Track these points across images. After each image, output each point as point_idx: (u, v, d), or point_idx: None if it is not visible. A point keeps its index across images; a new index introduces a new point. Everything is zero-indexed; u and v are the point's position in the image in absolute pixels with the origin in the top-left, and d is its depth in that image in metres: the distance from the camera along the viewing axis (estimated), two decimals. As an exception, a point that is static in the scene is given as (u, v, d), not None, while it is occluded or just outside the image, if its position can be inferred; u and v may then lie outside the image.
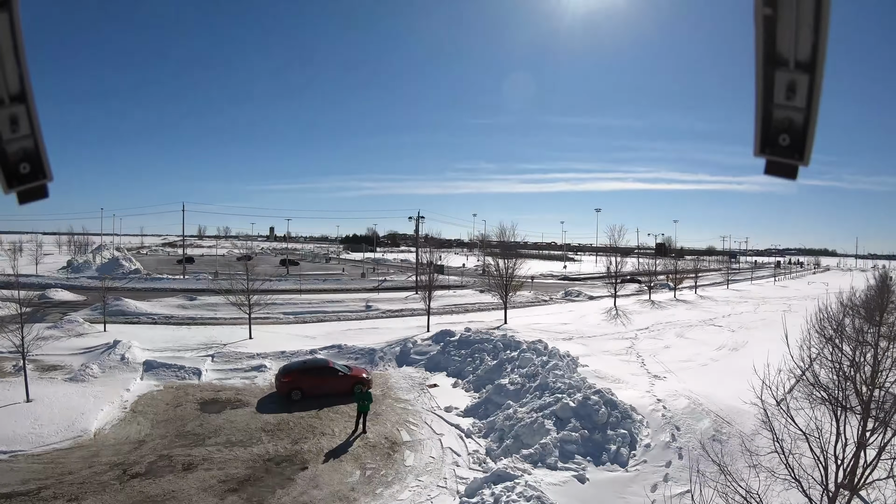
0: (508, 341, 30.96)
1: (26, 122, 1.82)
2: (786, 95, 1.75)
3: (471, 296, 62.67)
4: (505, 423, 21.76)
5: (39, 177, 1.88)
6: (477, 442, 21.39)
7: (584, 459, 18.94)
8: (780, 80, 1.74)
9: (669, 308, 57.22)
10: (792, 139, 1.78)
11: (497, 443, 21.03)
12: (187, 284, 63.09)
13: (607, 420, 20.68)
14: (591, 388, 22.87)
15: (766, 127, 1.80)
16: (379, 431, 21.90)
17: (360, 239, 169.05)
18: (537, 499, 15.69)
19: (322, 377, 25.24)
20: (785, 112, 1.77)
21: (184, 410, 22.83)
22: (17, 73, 1.75)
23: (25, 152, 1.85)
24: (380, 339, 35.59)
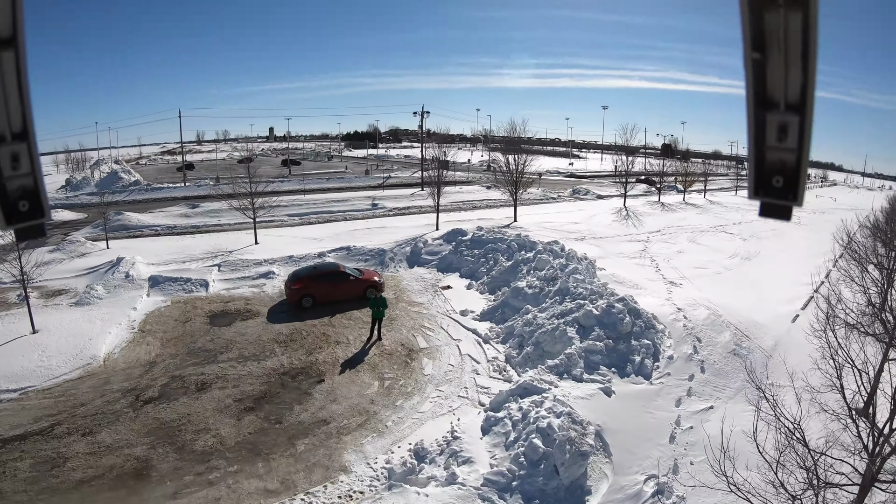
0: (523, 241, 29.74)
1: (27, 161, 1.80)
2: (777, 137, 1.72)
3: (477, 192, 61.23)
4: (524, 328, 20.91)
5: (38, 215, 1.85)
6: (495, 348, 20.66)
7: (608, 371, 18.13)
8: (771, 123, 1.71)
9: (680, 211, 55.54)
10: (785, 180, 1.76)
11: (517, 349, 20.27)
12: (189, 192, 61.58)
13: (631, 329, 19.80)
14: (614, 294, 21.88)
15: (760, 170, 1.79)
16: (394, 338, 21.11)
17: (362, 136, 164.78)
18: (567, 415, 14.88)
19: (333, 282, 24.29)
20: (777, 154, 1.74)
21: (193, 326, 22.02)
22: (20, 111, 1.74)
23: (25, 190, 1.83)
24: (388, 238, 34.50)
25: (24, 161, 1.80)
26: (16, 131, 1.76)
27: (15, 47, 1.68)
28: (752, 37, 1.63)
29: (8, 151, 1.77)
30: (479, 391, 17.67)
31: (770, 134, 1.73)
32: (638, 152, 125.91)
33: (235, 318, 22.69)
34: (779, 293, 26.94)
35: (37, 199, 1.84)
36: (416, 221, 42.05)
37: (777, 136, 1.73)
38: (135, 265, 27.97)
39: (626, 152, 64.54)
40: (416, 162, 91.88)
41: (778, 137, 1.73)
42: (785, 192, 1.78)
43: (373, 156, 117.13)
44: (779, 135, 1.72)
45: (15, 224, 1.83)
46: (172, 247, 34.50)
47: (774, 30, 1.60)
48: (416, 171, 73.38)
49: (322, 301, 23.78)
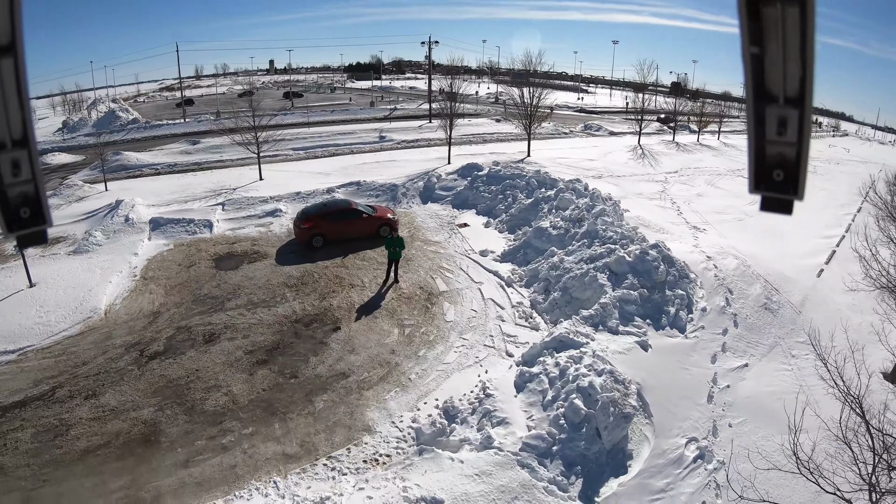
0: (543, 178, 28.01)
1: (28, 167, 1.76)
2: (777, 131, 1.68)
3: (487, 125, 58.76)
4: (550, 272, 19.56)
5: (39, 222, 1.81)
6: (519, 292, 19.40)
7: (643, 323, 17.00)
8: (770, 117, 1.67)
9: (695, 152, 52.95)
10: (786, 174, 1.72)
11: (542, 294, 19.01)
12: (189, 128, 59.36)
13: (665, 278, 18.54)
14: (646, 240, 20.60)
15: (760, 164, 1.75)
16: (412, 280, 19.76)
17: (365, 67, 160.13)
18: (609, 374, 13.66)
19: (345, 220, 22.76)
20: (777, 148, 1.71)
21: (198, 270, 20.65)
22: (20, 118, 1.71)
23: (26, 197, 1.78)
24: (399, 172, 32.79)
25: (25, 168, 1.75)
26: (16, 138, 1.71)
27: (14, 54, 1.62)
28: (750, 31, 1.57)
29: (8, 158, 1.72)
30: (506, 340, 16.43)
31: (770, 128, 1.68)
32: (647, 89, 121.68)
33: (242, 261, 21.29)
34: (801, 245, 26.04)
35: (38, 205, 1.79)
36: (427, 155, 40.11)
37: (777, 130, 1.67)
38: (134, 207, 26.46)
39: (636, 89, 61.66)
40: (421, 93, 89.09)
41: (778, 131, 1.67)
42: (786, 185, 1.72)
43: (377, 87, 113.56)
44: (778, 129, 1.67)
45: (17, 231, 1.78)
46: (173, 186, 32.87)
47: (772, 24, 1.54)
48: (423, 103, 71.04)
49: (333, 240, 22.35)
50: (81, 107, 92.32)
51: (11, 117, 1.68)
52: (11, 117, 1.68)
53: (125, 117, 71.25)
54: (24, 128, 1.72)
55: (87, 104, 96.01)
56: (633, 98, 59.76)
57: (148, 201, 28.37)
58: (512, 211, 25.66)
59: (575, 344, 15.00)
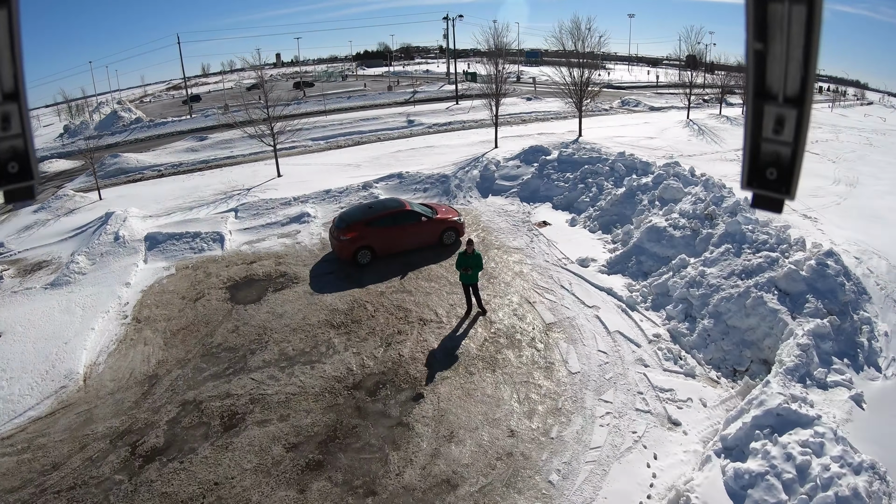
0: (632, 162, 22.15)
1: (17, 122, 1.71)
2: (774, 129, 1.66)
3: (521, 104, 52.77)
4: (688, 290, 14.13)
5: (27, 177, 1.77)
6: (649, 318, 13.89)
7: (842, 364, 11.81)
8: (769, 114, 1.65)
9: None
10: (779, 173, 1.70)
11: (683, 321, 13.62)
12: (195, 124, 53.93)
13: (850, 298, 13.23)
14: (818, 245, 15.05)
15: (755, 160, 1.72)
16: (505, 308, 14.18)
17: (373, 55, 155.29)
18: (870, 468, 8.39)
19: (398, 226, 16.99)
20: (773, 146, 1.69)
21: (208, 306, 15.06)
22: (12, 71, 1.66)
23: (15, 151, 1.74)
24: (442, 160, 27.02)
25: (15, 122, 1.70)
26: (7, 91, 1.66)
27: (8, 5, 1.58)
28: (756, 26, 1.55)
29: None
30: (661, 398, 10.95)
31: (767, 126, 1.65)
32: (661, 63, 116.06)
33: (266, 289, 15.65)
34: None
35: (26, 160, 1.75)
36: (467, 138, 34.26)
37: (774, 129, 1.65)
38: (126, 221, 20.87)
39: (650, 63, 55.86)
40: (437, 77, 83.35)
41: (775, 130, 1.65)
42: (778, 184, 1.70)
43: (389, 73, 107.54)
44: (776, 127, 1.65)
45: (3, 185, 1.74)
46: (178, 189, 27.24)
47: (778, 21, 1.52)
48: (444, 85, 65.50)
49: (384, 253, 16.73)
50: (85, 111, 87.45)
51: (3, 70, 1.60)
52: (3, 70, 1.60)
53: (128, 117, 66.29)
54: (15, 82, 1.64)
55: (91, 108, 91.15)
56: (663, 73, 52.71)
57: (145, 211, 22.87)
58: (601, 204, 19.86)
59: (801, 420, 9.32)
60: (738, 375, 12.48)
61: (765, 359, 12.60)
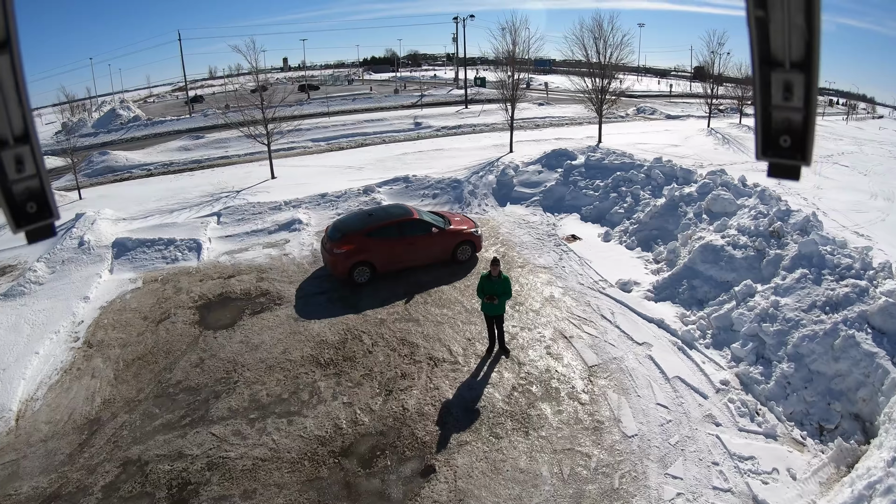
0: (671, 170, 19.25)
1: (31, 162, 1.66)
2: (783, 96, 1.58)
3: (533, 109, 50.07)
4: (759, 325, 11.26)
5: (46, 216, 1.72)
6: (710, 358, 11.01)
7: None
8: (776, 82, 1.57)
9: None
10: (793, 140, 1.62)
11: (754, 363, 10.81)
12: (194, 123, 51.22)
13: None
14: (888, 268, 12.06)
15: (767, 129, 1.63)
16: (535, 344, 11.26)
17: (380, 60, 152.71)
18: None
19: (404, 238, 14.04)
20: (784, 113, 1.60)
21: (172, 330, 12.20)
22: (20, 113, 1.61)
23: (31, 192, 1.69)
24: (452, 164, 24.21)
25: (29, 163, 1.66)
26: (17, 134, 1.63)
27: (10, 50, 1.54)
28: None
29: (11, 155, 1.64)
30: (742, 470, 8.26)
31: (776, 93, 1.58)
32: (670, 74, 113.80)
33: (242, 311, 12.78)
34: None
35: (44, 199, 1.72)
36: (479, 142, 31.48)
37: (783, 95, 1.57)
38: (95, 224, 18.09)
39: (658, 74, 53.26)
40: (445, 82, 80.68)
41: (784, 96, 1.57)
42: (793, 151, 1.62)
43: (396, 77, 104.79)
44: (784, 94, 1.56)
45: (25, 226, 1.70)
46: (163, 190, 24.42)
47: None
48: (452, 89, 62.84)
49: (385, 270, 13.86)
50: (84, 109, 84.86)
51: (12, 114, 1.59)
52: (12, 114, 1.59)
53: (126, 115, 63.63)
54: (24, 123, 1.62)
55: (94, 106, 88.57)
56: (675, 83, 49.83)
57: (121, 213, 20.10)
58: (638, 216, 16.99)
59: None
60: (826, 435, 9.62)
61: (857, 413, 9.76)
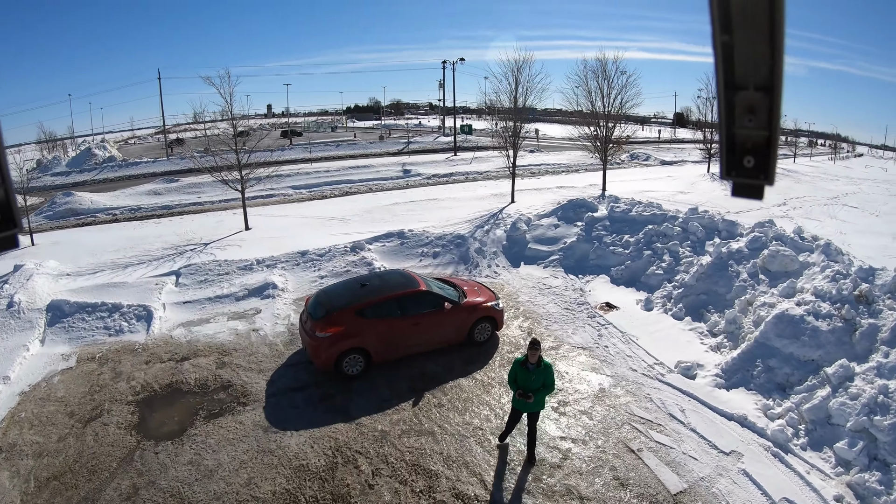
0: (710, 221, 16.35)
1: None
2: (747, 118, 1.57)
3: (528, 156, 48.03)
4: (869, 419, 8.52)
5: (10, 226, 1.63)
6: (811, 463, 8.29)
7: None
8: (741, 104, 1.56)
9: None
10: (756, 160, 1.62)
11: (870, 469, 8.14)
12: (170, 166, 47.90)
13: None
14: None
15: (731, 150, 1.63)
16: (594, 464, 8.04)
17: (364, 109, 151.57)
18: None
19: (408, 318, 10.68)
20: (748, 134, 1.59)
21: (102, 437, 8.74)
22: None
23: None
24: (450, 216, 21.14)
25: None
26: None
27: None
28: (721, 19, 1.47)
29: None
30: None
31: (740, 115, 1.58)
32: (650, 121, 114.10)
33: (196, 412, 9.32)
34: None
35: (8, 210, 1.62)
36: (475, 191, 28.47)
37: (747, 117, 1.57)
38: (31, 280, 14.66)
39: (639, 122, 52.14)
40: (429, 130, 78.65)
41: (748, 118, 1.57)
42: (756, 171, 1.63)
43: (380, 125, 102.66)
44: (749, 115, 1.56)
45: None
46: (123, 238, 20.94)
47: (741, 11, 1.44)
48: (438, 136, 60.56)
49: (382, 359, 10.51)
50: (60, 147, 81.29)
51: None
52: None
53: (101, 155, 60.63)
54: None
55: (72, 146, 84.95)
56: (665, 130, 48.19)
57: (68, 266, 16.71)
58: (682, 278, 13.96)
59: None
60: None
61: None
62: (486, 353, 11.07)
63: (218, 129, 44.12)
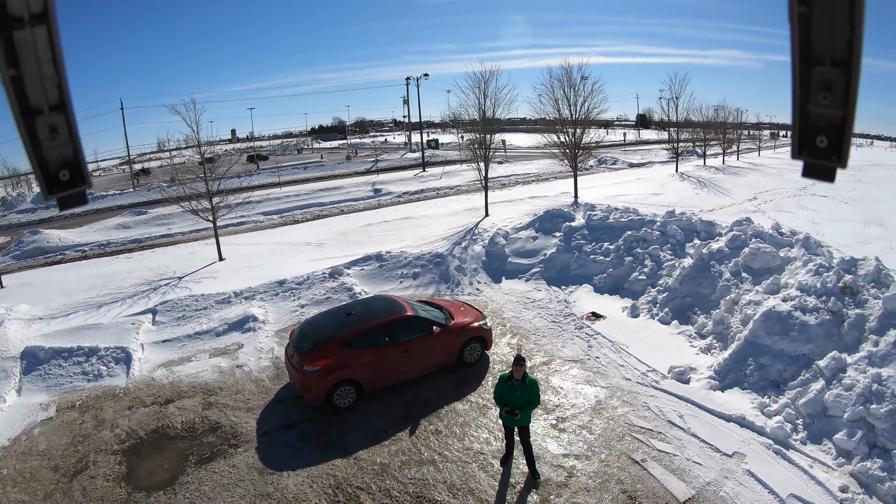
0: (689, 223, 16.58)
1: (65, 131, 1.66)
2: (822, 95, 1.49)
3: (496, 168, 48.35)
4: (865, 408, 8.60)
5: (79, 183, 1.71)
6: (814, 457, 8.32)
7: None
8: (816, 80, 1.49)
9: (742, 175, 43.87)
10: (829, 141, 1.53)
11: (870, 457, 8.09)
12: (137, 198, 47.12)
13: None
14: None
15: (804, 128, 1.55)
16: (599, 480, 7.90)
17: (328, 129, 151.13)
18: None
19: (397, 345, 10.43)
20: (822, 112, 1.51)
21: (91, 491, 8.30)
22: (56, 83, 1.62)
23: (65, 160, 1.68)
24: (426, 234, 20.96)
25: (63, 131, 1.65)
26: (53, 103, 1.62)
27: (47, 22, 1.55)
28: None
29: (47, 123, 1.62)
30: None
31: (815, 92, 1.49)
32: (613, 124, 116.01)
33: (186, 458, 8.93)
34: None
35: (77, 167, 1.70)
36: (448, 207, 28.31)
37: (822, 95, 1.48)
38: (2, 326, 14.09)
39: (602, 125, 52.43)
40: (395, 147, 78.53)
41: (823, 96, 1.48)
42: (829, 152, 1.52)
43: (346, 144, 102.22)
44: (824, 93, 1.47)
45: (57, 193, 1.69)
46: (94, 276, 20.25)
47: None
48: (406, 153, 60.51)
49: (374, 389, 10.22)
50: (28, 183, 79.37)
51: (47, 84, 1.57)
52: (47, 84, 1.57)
53: (66, 190, 58.72)
54: (59, 93, 1.61)
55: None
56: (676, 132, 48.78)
57: (39, 308, 16.08)
58: (665, 282, 14.08)
59: None
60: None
61: None
62: (478, 374, 10.88)
63: (184, 157, 43.40)
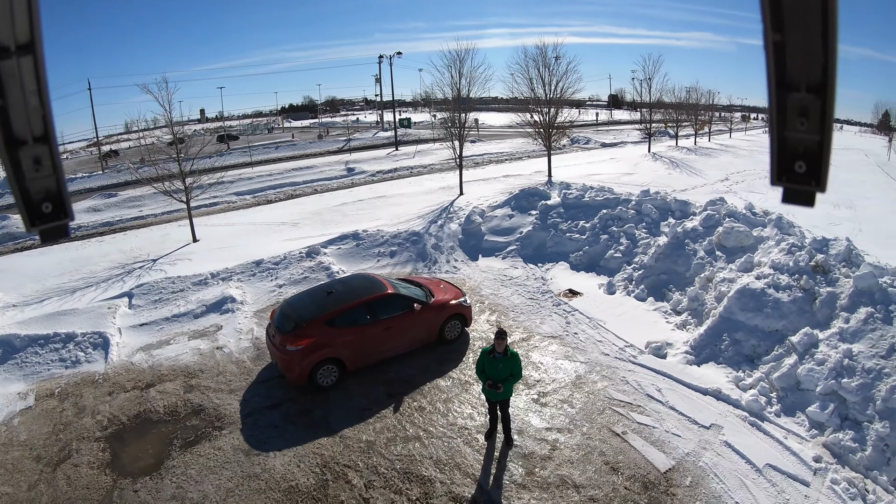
0: (662, 203, 16.78)
1: (49, 162, 1.61)
2: (799, 121, 1.50)
3: (470, 147, 48.16)
4: (837, 381, 8.87)
5: (61, 216, 1.66)
6: (788, 429, 8.55)
7: None
8: (792, 106, 1.50)
9: (716, 155, 44.39)
10: (808, 166, 1.54)
11: (842, 429, 8.37)
12: (107, 180, 45.88)
13: None
14: None
15: (782, 154, 1.56)
16: (582, 453, 8.00)
17: (299, 108, 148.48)
18: None
19: (379, 323, 10.37)
20: (799, 138, 1.52)
21: (75, 480, 8.14)
22: (41, 115, 1.57)
23: (48, 192, 1.63)
24: (401, 212, 20.85)
25: (46, 163, 1.61)
26: (37, 134, 1.58)
27: (33, 52, 1.51)
28: (772, 17, 1.42)
29: (30, 154, 1.58)
30: None
31: (791, 118, 1.51)
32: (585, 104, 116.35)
33: (170, 443, 8.82)
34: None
35: (60, 200, 1.65)
36: (423, 185, 28.13)
37: (799, 120, 1.50)
38: (-26, 315, 13.72)
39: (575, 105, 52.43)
40: (368, 126, 77.66)
41: (800, 121, 1.49)
42: (808, 177, 1.54)
43: (318, 123, 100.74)
44: (800, 118, 1.49)
45: (39, 226, 1.63)
46: (66, 261, 19.72)
47: (793, 9, 1.39)
48: (378, 132, 59.90)
49: (356, 367, 10.18)
50: (-12, 171, 77.09)
51: (32, 114, 1.55)
52: (32, 114, 1.55)
53: (31, 175, 57.07)
54: (44, 124, 1.58)
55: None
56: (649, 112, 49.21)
57: (12, 295, 15.68)
58: (641, 260, 14.24)
59: None
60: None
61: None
62: (459, 350, 10.92)
63: (154, 137, 42.23)
